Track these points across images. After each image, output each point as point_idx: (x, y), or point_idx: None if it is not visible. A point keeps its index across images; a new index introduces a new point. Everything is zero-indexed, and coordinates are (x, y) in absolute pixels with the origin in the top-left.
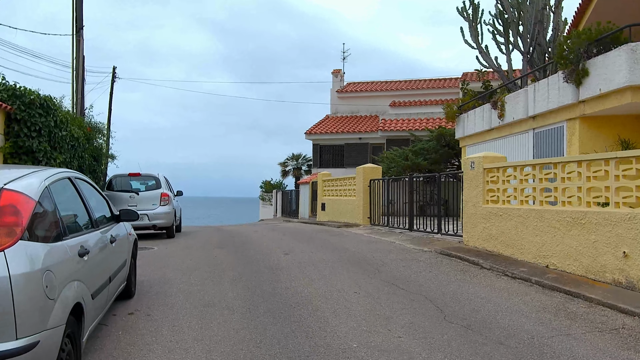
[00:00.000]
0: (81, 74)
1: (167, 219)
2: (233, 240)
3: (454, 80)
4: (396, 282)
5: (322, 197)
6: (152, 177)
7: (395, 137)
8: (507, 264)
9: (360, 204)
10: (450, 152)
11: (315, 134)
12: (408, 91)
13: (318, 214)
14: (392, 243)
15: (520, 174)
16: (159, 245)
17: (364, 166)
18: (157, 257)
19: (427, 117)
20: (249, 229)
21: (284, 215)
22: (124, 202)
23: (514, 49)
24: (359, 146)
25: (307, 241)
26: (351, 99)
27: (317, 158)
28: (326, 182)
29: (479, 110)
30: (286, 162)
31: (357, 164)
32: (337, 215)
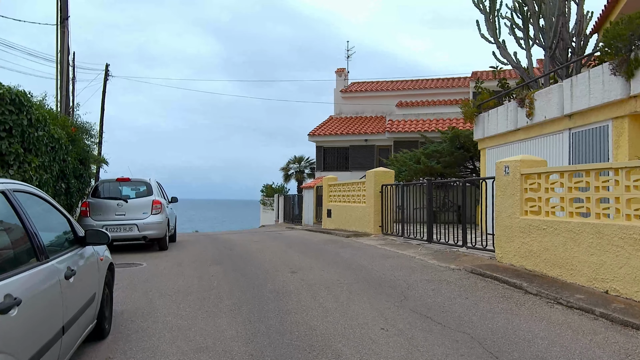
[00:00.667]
0: (66, 68)
1: (159, 230)
2: (231, 254)
3: (463, 79)
4: (429, 312)
5: (327, 202)
6: (143, 183)
7: (403, 139)
8: (557, 289)
9: (370, 211)
10: (465, 155)
11: (319, 135)
12: (415, 91)
13: (323, 220)
14: (412, 258)
15: (569, 181)
16: (148, 260)
17: (375, 170)
18: (144, 277)
19: (437, 117)
20: (249, 238)
21: (286, 221)
22: (111, 211)
23: (534, 44)
24: (364, 148)
25: (315, 255)
26: (356, 99)
27: (320, 161)
28: (332, 187)
29: (502, 109)
30: (288, 165)
31: (363, 166)
32: (344, 223)
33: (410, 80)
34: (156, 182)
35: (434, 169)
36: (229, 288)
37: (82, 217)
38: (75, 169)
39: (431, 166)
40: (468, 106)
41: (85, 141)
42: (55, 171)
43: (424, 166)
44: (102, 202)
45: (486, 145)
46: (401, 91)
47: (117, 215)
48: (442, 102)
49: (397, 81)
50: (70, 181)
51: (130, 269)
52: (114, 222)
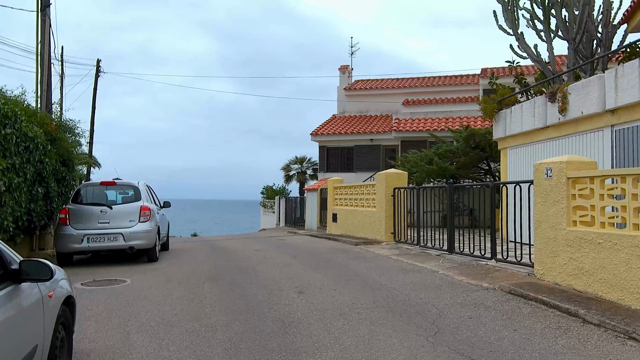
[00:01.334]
0: (48, 61)
1: (147, 239)
2: (229, 266)
3: (472, 76)
4: (474, 353)
5: (333, 206)
6: (130, 187)
7: (410, 138)
8: (624, 318)
9: (381, 217)
10: (481, 155)
11: (322, 134)
12: (422, 88)
13: (328, 225)
14: (435, 273)
15: (633, 187)
16: (134, 275)
17: (387, 172)
18: (125, 299)
19: (446, 116)
20: (249, 246)
21: (288, 225)
22: (94, 219)
23: (555, 36)
24: (370, 148)
25: (324, 268)
26: (360, 97)
27: (323, 161)
28: (338, 190)
29: (528, 105)
30: (289, 166)
31: (369, 167)
32: (351, 229)
33: (417, 78)
34: (146, 185)
35: (448, 170)
36: (225, 316)
37: (60, 225)
38: (57, 171)
39: (445, 167)
40: (488, 102)
41: (69, 140)
42: (29, 174)
43: (437, 167)
44: (83, 208)
45: (508, 144)
46: (407, 89)
47: (101, 224)
48: (451, 100)
49: (403, 79)
50: (50, 185)
51: (110, 288)
52: (97, 231)
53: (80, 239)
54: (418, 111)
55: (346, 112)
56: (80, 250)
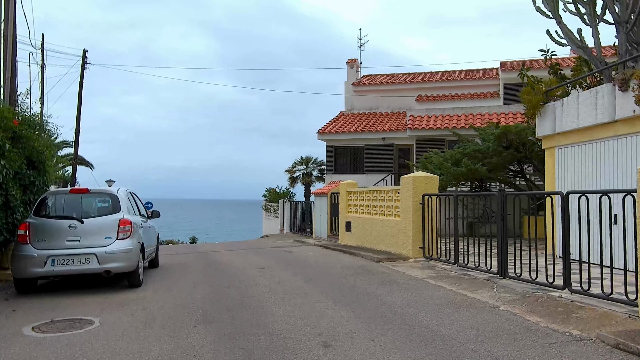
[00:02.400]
0: (12, 44)
1: (127, 260)
2: (228, 295)
3: (489, 71)
4: None
5: (346, 213)
6: (107, 195)
7: (427, 137)
8: None
9: (407, 228)
10: (515, 155)
11: (330, 133)
12: (436, 84)
13: (341, 234)
14: (496, 309)
15: None
16: (107, 310)
17: (414, 176)
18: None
19: (465, 112)
20: (252, 262)
21: (293, 231)
22: (61, 236)
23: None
24: (382, 148)
25: (349, 300)
26: (369, 93)
27: (331, 162)
28: (352, 195)
29: (587, 95)
30: (294, 167)
31: (380, 169)
32: (369, 240)
33: (430, 73)
34: (129, 193)
35: (478, 173)
36: None
37: (19, 244)
38: (22, 176)
39: (475, 169)
40: (530, 94)
41: (40, 139)
42: None
43: (467, 169)
44: (48, 222)
45: (556, 143)
46: (421, 84)
47: (70, 242)
48: (468, 96)
49: (415, 73)
50: (11, 192)
51: (68, 336)
52: (65, 251)
53: (43, 261)
54: (434, 107)
55: (354, 109)
56: (43, 275)
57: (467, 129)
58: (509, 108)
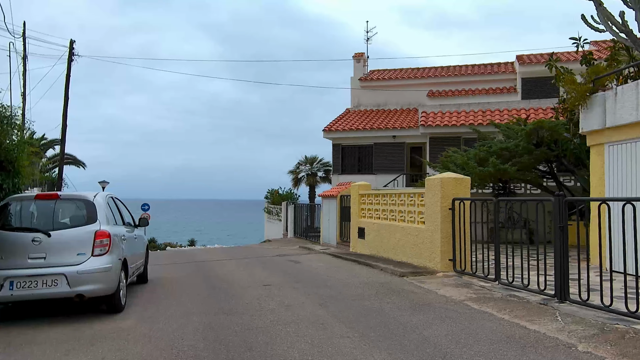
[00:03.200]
0: None
1: (104, 282)
2: (229, 327)
3: (504, 65)
4: None
5: (359, 218)
6: (81, 202)
7: (441, 135)
8: None
9: (435, 237)
10: (548, 154)
11: (337, 131)
12: (448, 78)
13: (353, 241)
14: (572, 350)
15: None
16: (71, 354)
17: (444, 177)
18: None
19: (482, 108)
20: (254, 275)
21: (298, 236)
22: (22, 252)
23: None
24: (392, 146)
25: (378, 334)
26: (377, 89)
27: (338, 162)
28: (366, 198)
29: None
30: (298, 167)
31: (391, 169)
32: (386, 249)
33: (442, 67)
34: (109, 198)
35: (507, 173)
36: None
37: None
38: None
39: (504, 169)
40: (575, 83)
41: (11, 136)
42: None
43: (494, 169)
44: (7, 236)
45: (607, 139)
46: (432, 79)
47: (33, 259)
48: (483, 91)
49: (425, 68)
50: None
51: None
52: (26, 272)
53: (0, 284)
54: (448, 103)
55: (361, 106)
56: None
57: (486, 125)
58: (530, 103)
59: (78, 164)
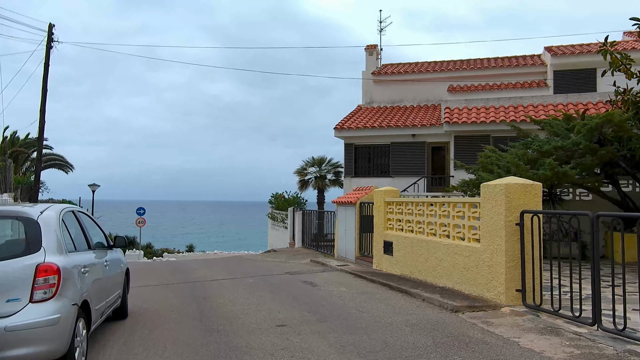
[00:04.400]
0: None
1: (49, 340)
2: None
3: (529, 57)
4: None
5: (384, 230)
6: (20, 220)
7: (468, 133)
8: None
9: (497, 260)
10: (615, 154)
11: (350, 129)
12: (470, 72)
13: (377, 257)
14: None
15: None
16: None
17: (508, 182)
18: None
19: (514, 103)
20: (264, 310)
21: (306, 246)
22: None
23: None
24: (412, 146)
25: None
26: (392, 84)
27: (351, 163)
28: (394, 207)
29: None
30: (305, 169)
31: (410, 171)
32: (423, 269)
33: (461, 61)
34: (69, 213)
35: (568, 177)
36: None
37: None
38: None
39: (564, 172)
40: None
41: None
42: None
43: (552, 172)
44: None
45: None
46: (452, 72)
47: None
48: (512, 85)
49: (444, 61)
50: None
51: None
52: None
53: None
54: (474, 98)
55: (374, 102)
56: None
57: (521, 122)
58: (568, 98)
59: (65, 166)
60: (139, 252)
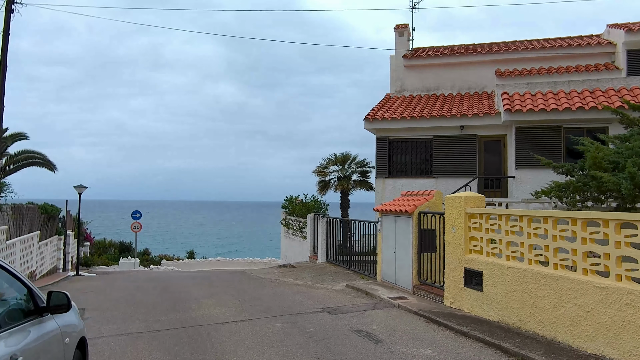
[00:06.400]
0: None
1: None
2: None
3: (587, 37)
4: None
5: (466, 253)
6: None
7: (534, 124)
8: None
9: None
10: None
11: (383, 120)
12: (521, 54)
13: (453, 291)
14: None
15: None
16: None
17: None
18: None
19: (589, 88)
20: None
21: (332, 262)
22: None
23: None
24: (460, 141)
25: None
26: (426, 69)
27: (384, 160)
28: (483, 220)
29: None
30: (325, 167)
31: (458, 171)
32: (548, 321)
33: (510, 42)
34: None
35: None
36: None
37: None
38: None
39: None
40: None
41: None
42: None
43: None
44: None
45: None
46: (500, 54)
47: None
48: (575, 68)
49: (488, 43)
50: None
51: None
52: None
53: None
54: (538, 82)
55: (405, 91)
56: None
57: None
58: None
59: (46, 164)
60: (134, 260)
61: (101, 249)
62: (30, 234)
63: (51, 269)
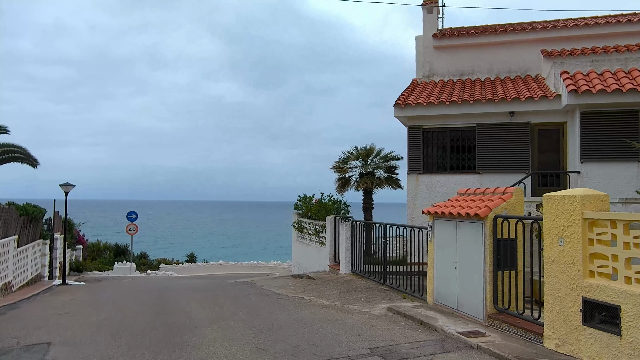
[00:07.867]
0: None
1: None
2: None
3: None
4: None
5: (586, 277)
6: None
7: (602, 108)
8: None
9: None
10: None
11: (417, 105)
12: (567, 31)
13: (561, 329)
14: None
15: None
16: None
17: None
18: None
19: None
20: None
21: (358, 273)
22: None
23: None
24: (509, 129)
25: None
26: (460, 50)
27: (418, 153)
28: (620, 231)
29: None
30: (345, 162)
31: (508, 165)
32: None
33: (555, 20)
34: None
35: None
36: None
37: None
38: None
39: None
40: None
41: None
42: None
43: None
44: None
45: None
46: (544, 32)
47: None
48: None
49: (524, 23)
50: None
51: None
52: None
53: None
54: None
55: (436, 75)
56: None
57: None
58: None
59: (27, 159)
60: (130, 265)
61: (95, 252)
62: (5, 239)
63: (33, 277)
